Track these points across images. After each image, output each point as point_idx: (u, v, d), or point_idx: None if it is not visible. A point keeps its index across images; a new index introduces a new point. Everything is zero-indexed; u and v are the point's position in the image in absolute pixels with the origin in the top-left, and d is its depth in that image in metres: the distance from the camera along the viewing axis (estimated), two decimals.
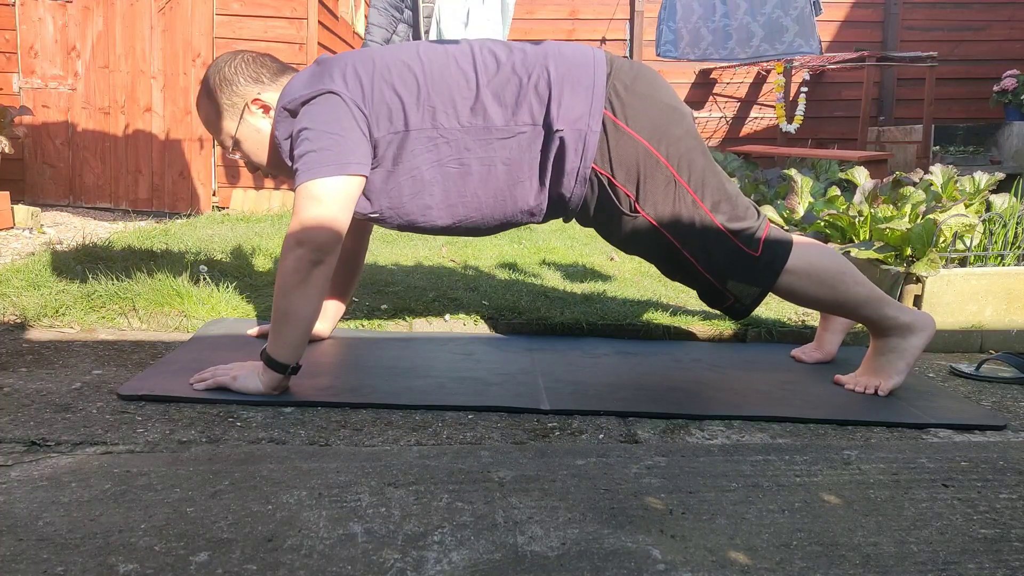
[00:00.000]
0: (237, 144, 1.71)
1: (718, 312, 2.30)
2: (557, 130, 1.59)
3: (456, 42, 1.69)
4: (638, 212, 1.64)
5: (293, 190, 1.58)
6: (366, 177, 1.60)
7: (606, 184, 1.63)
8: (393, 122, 1.60)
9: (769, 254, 1.66)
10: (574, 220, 1.77)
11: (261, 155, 1.71)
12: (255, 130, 1.68)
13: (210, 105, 1.69)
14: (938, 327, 2.23)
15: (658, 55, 5.84)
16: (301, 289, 1.51)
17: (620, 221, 1.67)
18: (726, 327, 2.20)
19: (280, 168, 1.73)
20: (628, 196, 1.63)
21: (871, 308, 1.69)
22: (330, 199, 1.52)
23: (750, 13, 4.97)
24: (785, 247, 1.67)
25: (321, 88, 1.58)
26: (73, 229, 3.83)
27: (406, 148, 1.61)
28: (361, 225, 1.93)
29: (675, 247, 1.66)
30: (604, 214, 1.68)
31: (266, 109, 1.67)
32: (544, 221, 1.75)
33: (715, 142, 6.98)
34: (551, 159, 1.61)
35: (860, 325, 2.01)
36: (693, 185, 1.63)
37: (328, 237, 1.51)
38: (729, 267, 1.66)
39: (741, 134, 7.06)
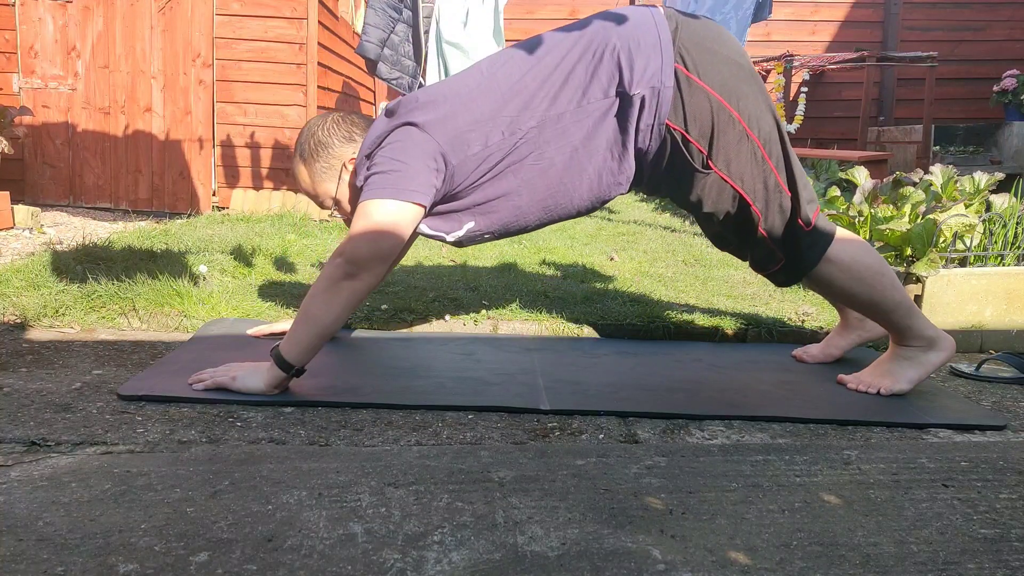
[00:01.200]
0: (338, 204, 1.74)
1: (719, 310, 2.31)
2: (634, 93, 1.58)
3: (511, 48, 1.70)
4: (711, 168, 1.62)
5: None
6: (425, 207, 1.60)
7: (679, 140, 1.61)
8: (471, 145, 1.61)
9: (817, 233, 1.66)
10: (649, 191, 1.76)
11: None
12: (354, 188, 1.70)
13: (307, 169, 1.72)
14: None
15: None
16: (326, 296, 1.53)
17: (693, 178, 1.65)
18: (726, 327, 2.20)
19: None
20: (701, 152, 1.62)
21: (901, 315, 1.69)
22: (381, 219, 1.54)
23: (710, 11, 4.97)
24: (831, 231, 1.68)
25: (398, 122, 1.61)
26: (73, 229, 3.83)
27: (487, 162, 1.63)
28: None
29: (745, 202, 1.64)
30: (676, 173, 1.66)
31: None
32: (628, 191, 1.74)
33: None
34: (631, 123, 1.60)
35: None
36: (763, 142, 1.62)
37: (368, 253, 1.53)
38: (784, 233, 1.66)
39: None
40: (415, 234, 1.72)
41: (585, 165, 1.64)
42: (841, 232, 1.70)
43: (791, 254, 1.68)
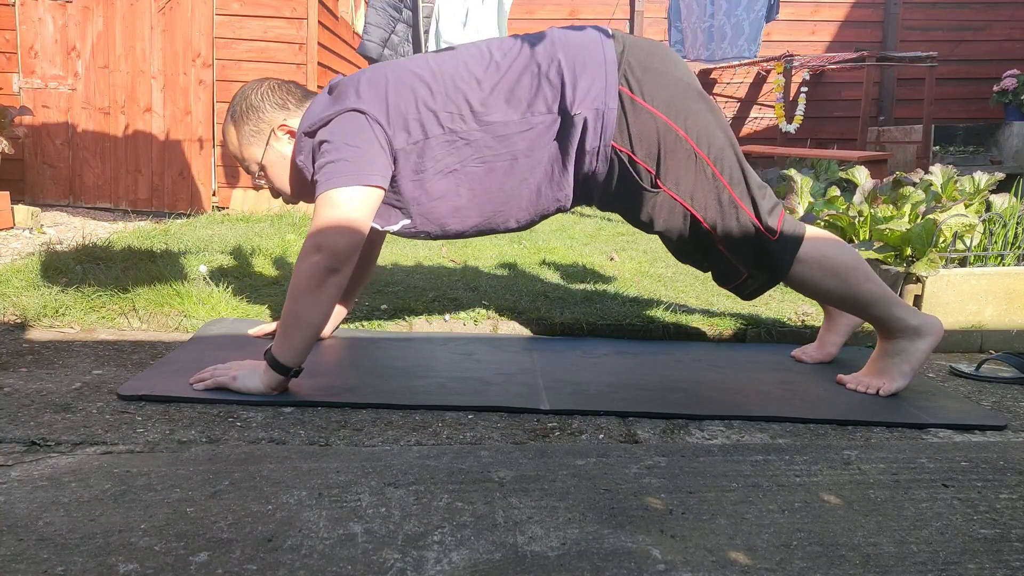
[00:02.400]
0: (263, 170, 1.72)
1: (718, 311, 2.31)
2: (575, 113, 1.59)
3: (463, 46, 1.70)
4: (660, 187, 1.63)
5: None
6: (385, 190, 1.60)
7: (627, 161, 1.62)
8: (412, 133, 1.61)
9: (784, 240, 1.66)
10: (591, 209, 1.78)
11: (283, 180, 1.73)
12: (281, 156, 1.70)
13: (236, 132, 1.70)
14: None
15: None
16: (314, 295, 1.52)
17: (642, 198, 1.66)
18: (726, 327, 2.20)
19: (302, 194, 1.74)
20: (649, 172, 1.62)
21: (880, 307, 1.69)
22: (349, 208, 1.53)
23: (726, 14, 4.99)
24: (800, 233, 1.67)
25: (341, 107, 1.60)
26: (73, 229, 3.83)
27: (427, 156, 1.62)
28: (375, 233, 1.93)
29: (697, 221, 1.65)
30: (626, 193, 1.67)
31: (292, 135, 1.68)
32: (572, 207, 1.74)
33: None
34: (571, 143, 1.61)
35: (866, 326, 2.02)
36: (714, 159, 1.63)
37: (346, 245, 1.52)
38: (746, 246, 1.67)
39: (741, 134, 7.06)
40: None
41: (527, 176, 1.65)
42: (811, 231, 1.70)
43: (761, 264, 1.68)
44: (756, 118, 7.06)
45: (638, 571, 0.98)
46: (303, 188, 1.71)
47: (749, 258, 1.68)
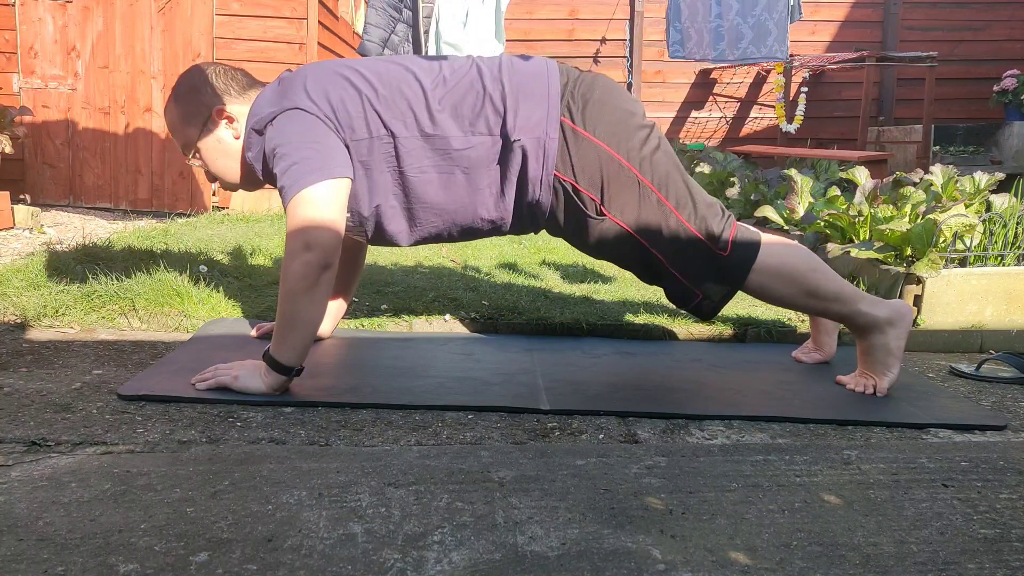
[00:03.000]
0: (197, 152, 1.71)
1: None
2: (515, 140, 1.61)
3: (412, 57, 1.72)
4: (604, 215, 1.65)
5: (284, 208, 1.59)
6: (352, 179, 1.61)
7: (571, 190, 1.65)
8: (356, 130, 1.62)
9: (738, 253, 1.66)
10: (547, 231, 1.78)
11: (219, 166, 1.72)
12: (217, 140, 1.69)
13: (176, 111, 1.70)
14: (938, 327, 2.24)
15: (669, 56, 5.87)
16: (309, 294, 1.52)
17: (588, 226, 1.68)
18: (726, 327, 2.20)
19: (241, 182, 1.74)
20: (593, 200, 1.64)
21: (843, 305, 1.69)
22: (326, 203, 1.53)
23: (741, 14, 4.98)
24: (754, 246, 1.67)
25: (285, 105, 1.60)
26: (73, 229, 3.83)
27: (368, 155, 1.63)
28: None
29: (644, 247, 1.67)
30: (572, 221, 1.70)
31: (230, 120, 1.68)
32: (515, 232, 1.76)
33: (715, 142, 6.98)
34: (512, 169, 1.64)
35: None
36: (658, 185, 1.64)
37: (333, 239, 1.52)
38: (698, 265, 1.67)
39: (741, 134, 7.06)
40: None
41: (462, 193, 1.66)
42: (767, 238, 1.71)
43: (716, 280, 1.68)
44: (756, 118, 7.06)
45: (638, 571, 0.98)
46: (245, 177, 1.72)
47: (703, 276, 1.68)
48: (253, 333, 2.00)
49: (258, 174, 1.69)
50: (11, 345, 1.88)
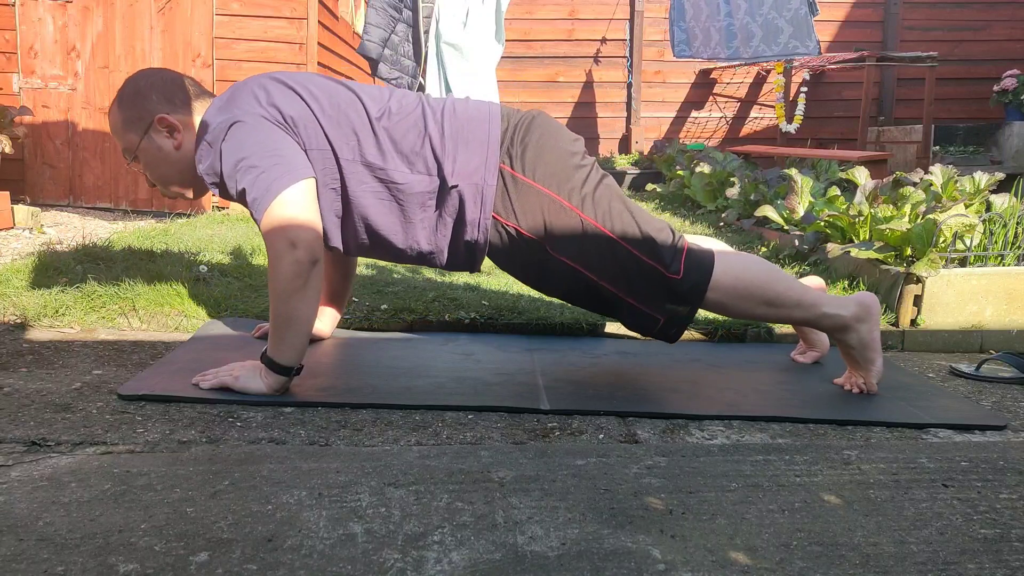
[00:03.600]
0: (136, 158, 1.71)
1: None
2: (453, 185, 1.62)
3: (366, 84, 1.72)
4: (551, 255, 1.66)
5: (256, 220, 1.59)
6: (316, 178, 1.61)
7: (514, 234, 1.66)
8: (303, 139, 1.62)
9: (692, 274, 1.66)
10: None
11: (159, 172, 1.72)
12: (157, 147, 1.69)
13: (119, 114, 1.69)
14: (938, 327, 2.24)
15: (675, 56, 5.87)
16: (302, 292, 1.52)
17: (536, 266, 1.69)
18: (725, 327, 2.20)
19: (183, 190, 1.74)
20: (539, 242, 1.65)
21: (806, 310, 1.69)
22: (302, 202, 1.54)
23: (749, 13, 4.98)
24: (707, 265, 1.67)
25: (236, 115, 1.59)
26: (73, 229, 3.83)
27: (316, 165, 1.63)
28: None
29: (594, 282, 1.67)
30: (519, 261, 1.71)
31: (172, 129, 1.67)
32: (449, 268, 1.77)
33: (715, 142, 6.99)
34: (448, 210, 1.65)
35: None
36: (602, 220, 1.65)
37: (315, 235, 1.53)
38: (653, 292, 1.67)
39: (741, 134, 7.06)
40: None
41: (396, 223, 1.66)
42: (720, 254, 1.70)
43: (674, 302, 1.68)
44: (756, 118, 7.06)
45: (638, 571, 0.98)
46: (186, 185, 1.72)
47: (660, 301, 1.68)
48: (253, 333, 2.00)
49: (208, 186, 1.68)
50: (11, 345, 1.88)
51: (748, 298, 1.68)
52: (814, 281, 1.94)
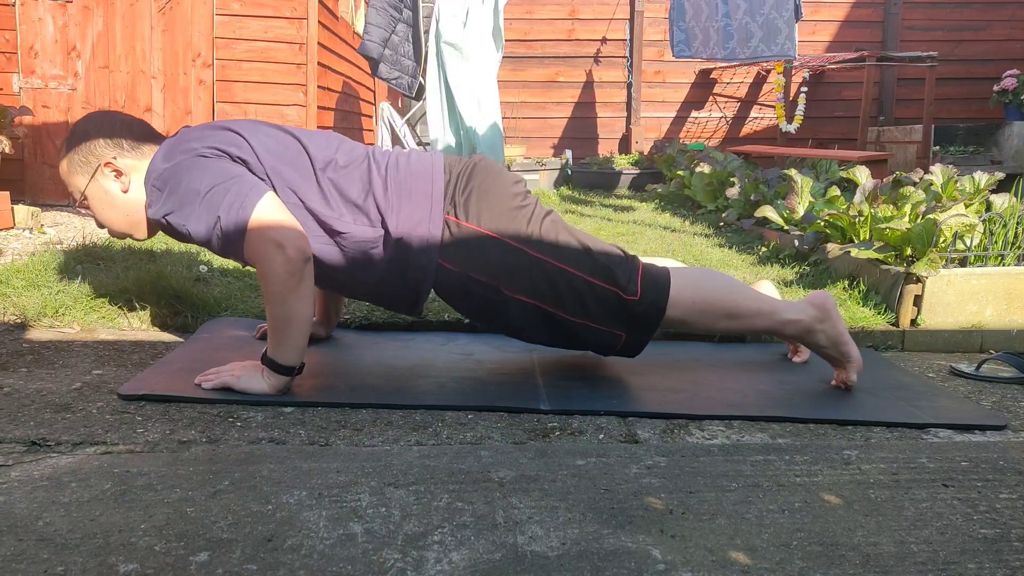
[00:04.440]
0: (85, 199, 1.72)
1: None
2: (397, 238, 1.63)
3: (313, 133, 1.73)
4: (506, 295, 1.66)
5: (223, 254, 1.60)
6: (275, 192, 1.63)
7: (465, 279, 1.66)
8: (256, 173, 1.62)
9: (649, 293, 1.67)
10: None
11: (106, 216, 1.72)
12: (104, 191, 1.69)
13: (66, 158, 1.70)
14: (938, 327, 2.24)
15: (674, 56, 5.87)
16: (297, 291, 1.52)
17: (493, 308, 1.69)
18: None
19: (131, 232, 1.74)
20: (491, 284, 1.66)
21: (767, 319, 1.71)
22: (276, 209, 1.55)
23: (749, 13, 4.98)
24: (663, 282, 1.68)
25: (183, 159, 1.60)
26: (73, 229, 3.83)
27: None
28: None
29: (553, 315, 1.68)
30: (476, 305, 1.71)
31: (118, 173, 1.68)
32: (395, 311, 1.79)
33: (715, 142, 6.99)
34: (394, 258, 1.65)
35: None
36: (552, 255, 1.66)
37: (299, 233, 1.54)
38: (613, 315, 1.68)
39: (741, 134, 7.07)
40: None
41: (340, 265, 1.66)
42: (676, 271, 1.71)
43: (634, 322, 1.69)
44: (756, 118, 7.06)
45: (638, 571, 0.98)
46: (131, 226, 1.73)
47: (621, 323, 1.69)
48: (254, 334, 2.00)
49: (162, 228, 1.69)
50: (11, 345, 1.88)
51: (708, 312, 1.70)
52: (765, 287, 1.96)
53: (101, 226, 1.77)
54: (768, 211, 3.40)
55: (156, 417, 1.47)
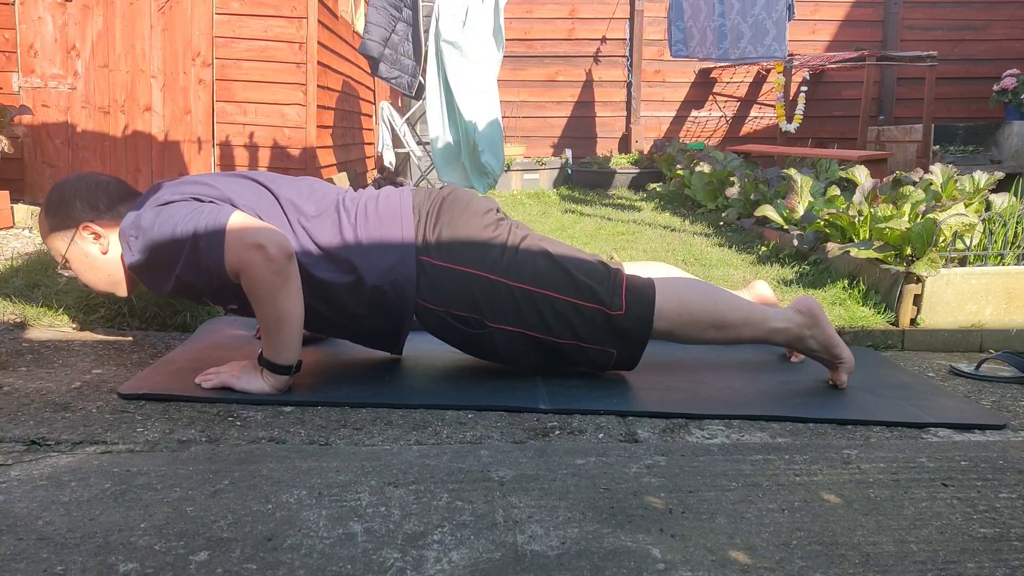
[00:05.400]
0: (67, 262, 1.72)
1: None
2: (373, 285, 1.63)
3: (283, 180, 1.73)
4: (490, 326, 1.66)
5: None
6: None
7: (447, 316, 1.66)
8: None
9: (634, 307, 1.67)
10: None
11: (87, 277, 1.73)
12: (83, 254, 1.70)
13: (46, 222, 1.71)
14: (938, 327, 2.24)
15: (672, 55, 5.88)
16: (285, 289, 1.52)
17: (479, 340, 1.69)
18: None
19: (115, 290, 1.75)
20: (474, 319, 1.66)
21: (755, 328, 1.71)
22: (247, 219, 1.55)
23: (741, 14, 4.99)
24: (648, 295, 1.68)
25: (155, 206, 1.59)
26: None
27: None
28: None
29: (542, 340, 1.68)
30: (460, 338, 1.72)
31: (96, 236, 1.68)
32: (376, 348, 1.80)
33: (715, 141, 6.99)
34: (370, 302, 1.65)
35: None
36: (531, 282, 1.65)
37: (277, 233, 1.53)
38: (601, 332, 1.67)
39: (741, 133, 7.07)
40: None
41: (315, 305, 1.65)
42: (660, 282, 1.71)
43: (624, 337, 1.68)
44: (756, 118, 7.06)
45: (638, 570, 0.98)
46: (112, 285, 1.73)
47: (610, 340, 1.69)
48: (254, 334, 2.00)
49: (140, 282, 1.70)
50: (11, 345, 1.88)
51: (695, 323, 1.69)
52: (760, 287, 1.95)
53: (84, 286, 1.78)
54: (768, 210, 3.40)
55: (156, 416, 1.47)
